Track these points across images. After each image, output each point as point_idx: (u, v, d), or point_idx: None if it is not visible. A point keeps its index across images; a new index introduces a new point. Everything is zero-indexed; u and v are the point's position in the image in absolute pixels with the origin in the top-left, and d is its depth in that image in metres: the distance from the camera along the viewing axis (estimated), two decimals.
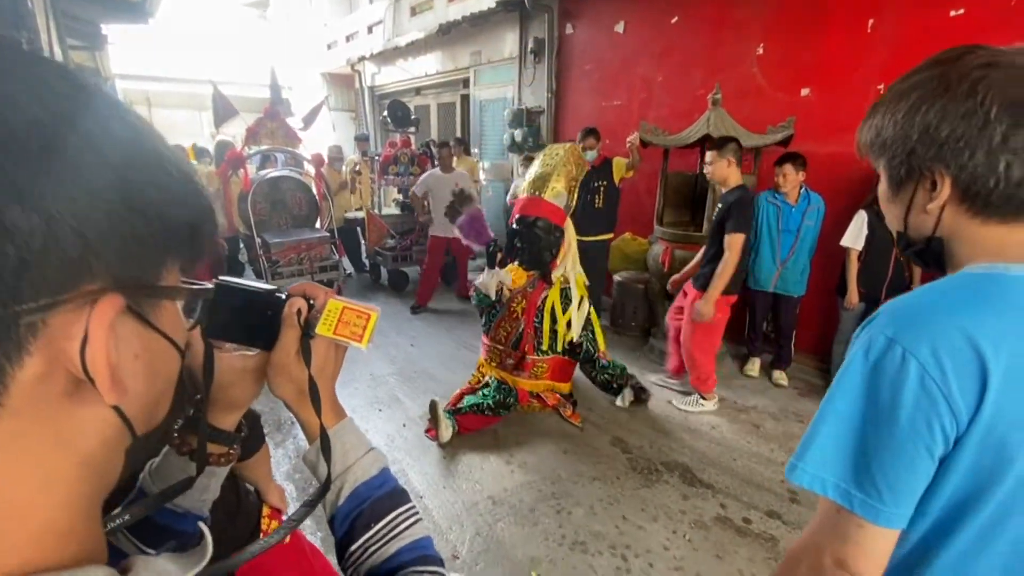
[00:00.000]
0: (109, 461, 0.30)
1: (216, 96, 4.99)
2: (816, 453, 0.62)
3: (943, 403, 0.55)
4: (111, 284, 0.26)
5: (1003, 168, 0.57)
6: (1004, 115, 0.56)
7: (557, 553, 2.08)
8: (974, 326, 0.55)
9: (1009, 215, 0.59)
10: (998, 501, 0.57)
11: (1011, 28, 2.77)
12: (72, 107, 0.25)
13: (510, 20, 5.91)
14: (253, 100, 7.92)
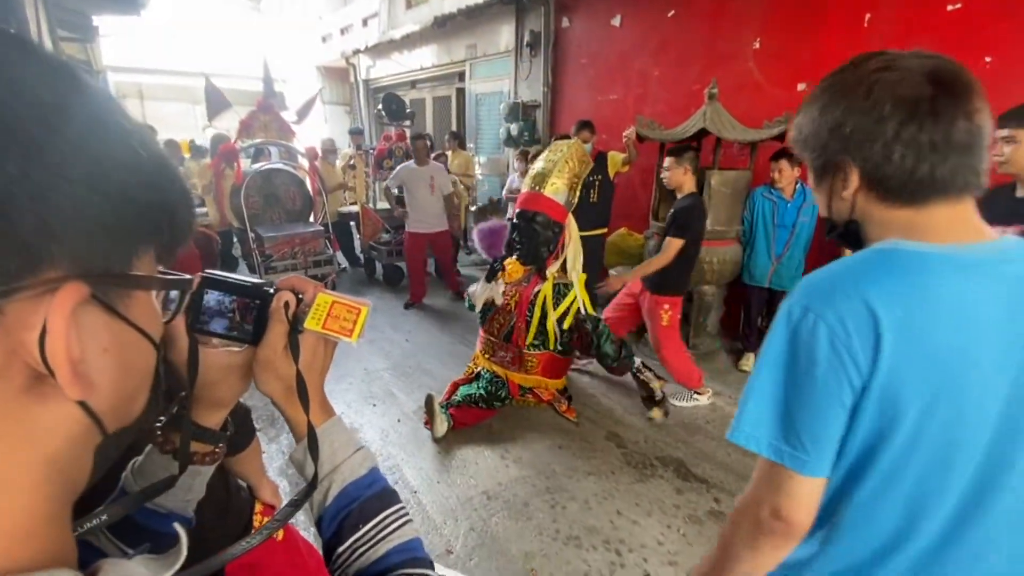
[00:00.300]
0: (77, 460, 0.29)
1: (209, 89, 4.94)
2: (750, 415, 0.71)
3: (849, 359, 0.63)
4: (75, 272, 0.24)
5: (898, 158, 0.65)
6: (896, 112, 0.64)
7: (551, 548, 2.08)
8: (871, 293, 0.63)
9: (908, 199, 0.67)
10: (899, 444, 0.65)
11: (1008, 22, 2.77)
12: (22, 75, 0.23)
13: (506, 13, 5.87)
14: (246, 93, 7.84)
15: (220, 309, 0.49)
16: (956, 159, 0.64)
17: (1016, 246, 0.67)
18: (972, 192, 0.67)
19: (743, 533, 0.76)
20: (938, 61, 0.65)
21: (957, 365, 0.63)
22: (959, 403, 0.63)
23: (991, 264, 0.65)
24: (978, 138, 0.64)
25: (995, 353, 0.63)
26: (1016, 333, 0.63)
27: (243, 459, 1.08)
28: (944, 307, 0.63)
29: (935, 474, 0.66)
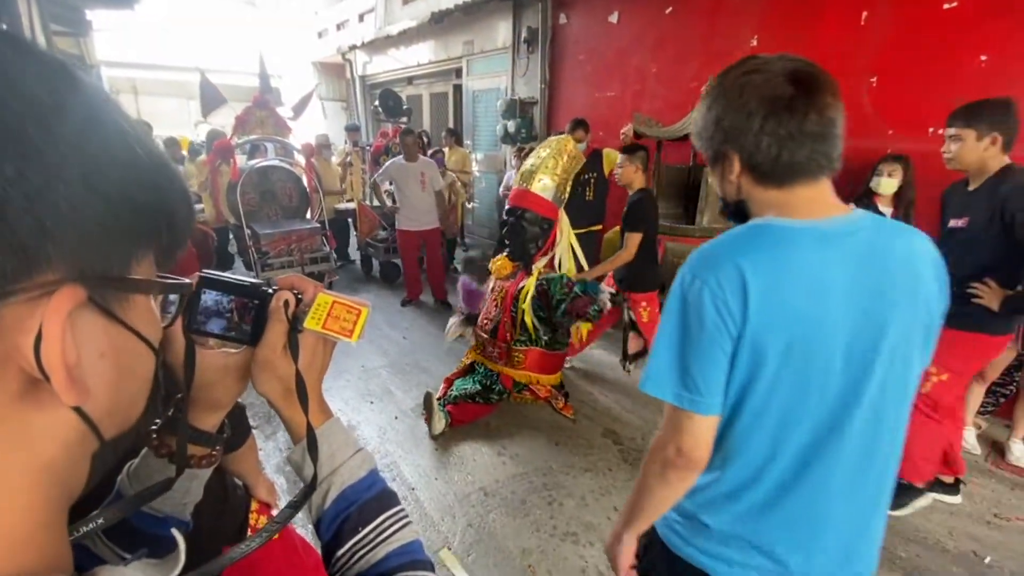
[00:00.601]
0: (73, 467, 0.28)
1: (204, 84, 4.91)
2: (655, 368, 0.83)
3: (727, 314, 0.76)
4: (73, 275, 0.24)
5: (764, 147, 0.77)
6: (760, 108, 0.76)
7: (549, 544, 2.09)
8: (742, 260, 0.76)
9: (776, 181, 0.80)
10: (764, 384, 0.78)
11: (1003, 21, 2.77)
12: (18, 74, 0.23)
13: (503, 9, 5.85)
14: (242, 89, 7.80)
15: (218, 309, 0.48)
16: (810, 146, 0.76)
17: (862, 219, 0.80)
18: (827, 174, 0.80)
19: (655, 469, 0.89)
20: (798, 64, 0.77)
21: (808, 319, 0.76)
22: (809, 352, 0.77)
23: (841, 236, 0.78)
24: (829, 128, 0.76)
25: (840, 311, 0.76)
26: (855, 293, 0.76)
27: (239, 457, 1.08)
28: (800, 271, 0.76)
29: (791, 410, 0.80)
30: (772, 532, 0.86)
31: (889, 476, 0.87)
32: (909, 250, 0.80)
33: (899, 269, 0.78)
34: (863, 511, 0.87)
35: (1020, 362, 2.64)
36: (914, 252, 0.80)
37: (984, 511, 2.33)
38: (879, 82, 3.24)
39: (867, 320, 0.77)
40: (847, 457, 0.82)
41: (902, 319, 0.78)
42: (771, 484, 0.84)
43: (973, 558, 2.07)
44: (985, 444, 2.80)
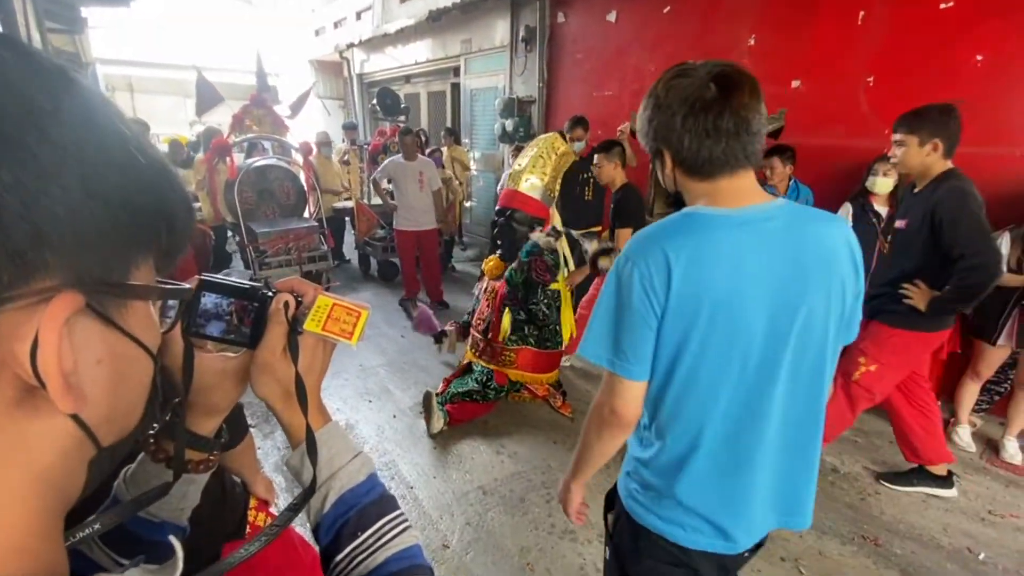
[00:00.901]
0: (70, 474, 0.28)
1: (200, 82, 4.89)
2: (592, 337, 0.94)
3: (652, 293, 0.86)
4: (70, 281, 0.23)
5: (687, 143, 0.86)
6: (680, 108, 0.85)
7: (547, 542, 2.10)
8: (667, 244, 0.86)
9: (701, 173, 0.89)
10: (693, 351, 0.88)
11: (999, 21, 2.79)
12: (14, 78, 0.23)
13: (501, 8, 5.84)
14: (239, 87, 7.76)
15: (217, 312, 0.48)
16: (727, 142, 0.84)
17: (780, 207, 0.89)
18: (746, 166, 0.88)
19: (593, 426, 1.00)
20: (723, 68, 0.85)
21: (727, 295, 0.85)
22: (730, 325, 0.86)
23: (757, 221, 0.87)
24: (743, 125, 0.84)
25: (757, 288, 0.85)
26: (770, 272, 0.85)
27: (237, 454, 1.07)
28: (718, 252, 0.85)
29: (717, 379, 0.89)
30: (713, 497, 0.96)
31: (814, 440, 0.97)
32: (822, 234, 0.89)
33: (812, 251, 0.87)
34: (792, 473, 0.97)
35: (1014, 360, 2.66)
36: (827, 236, 0.89)
37: (979, 508, 2.35)
38: (876, 81, 3.25)
39: (783, 296, 0.86)
40: (774, 424, 0.92)
41: (815, 296, 0.87)
42: (708, 451, 0.93)
43: (968, 555, 2.09)
44: (980, 442, 2.82)
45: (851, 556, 2.06)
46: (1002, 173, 2.88)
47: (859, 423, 3.04)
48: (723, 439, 0.92)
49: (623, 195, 3.06)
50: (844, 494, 2.41)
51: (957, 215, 1.90)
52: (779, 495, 0.98)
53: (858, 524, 2.22)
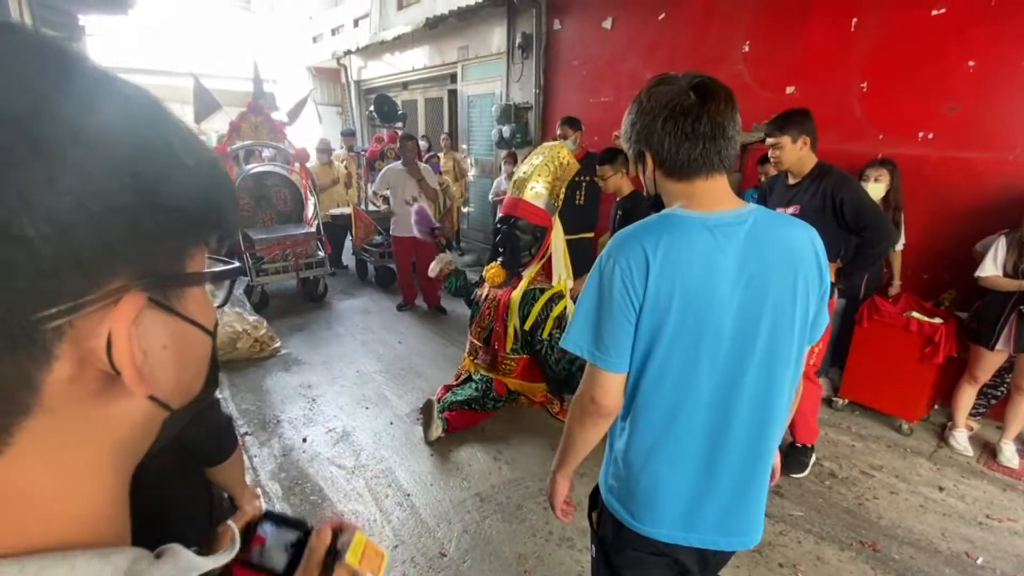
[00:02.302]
0: (144, 439, 0.31)
1: (198, 89, 4.89)
2: (575, 330, 0.98)
3: (631, 288, 0.91)
4: (134, 279, 0.26)
5: (667, 145, 0.92)
6: (661, 112, 0.91)
7: (544, 549, 2.09)
8: (646, 243, 0.91)
9: (679, 175, 0.95)
10: (664, 346, 0.93)
11: (991, 27, 2.82)
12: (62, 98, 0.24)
13: (498, 15, 5.88)
14: (236, 94, 7.78)
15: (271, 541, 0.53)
16: (703, 145, 0.90)
17: (751, 212, 0.94)
18: (720, 170, 0.94)
19: (576, 416, 1.05)
20: (702, 79, 0.91)
21: (699, 294, 0.90)
22: (700, 322, 0.91)
23: (729, 225, 0.92)
24: (719, 130, 0.90)
25: (725, 288, 0.90)
26: (739, 274, 0.91)
27: (225, 469, 1.06)
28: (692, 253, 0.90)
29: (687, 373, 0.94)
30: (676, 488, 1.00)
31: (769, 444, 1.00)
32: (788, 238, 0.94)
33: (778, 254, 0.92)
34: (752, 477, 1.01)
35: (1011, 364, 2.67)
36: (793, 240, 0.94)
37: (976, 512, 2.34)
38: (869, 87, 3.27)
39: (751, 297, 0.91)
40: (742, 420, 0.96)
41: (781, 297, 0.92)
42: (676, 442, 0.98)
43: (965, 559, 2.08)
44: (977, 446, 2.82)
45: (849, 561, 2.05)
46: (995, 178, 2.91)
47: (856, 427, 3.04)
48: (691, 431, 0.97)
49: (633, 206, 3.05)
50: (842, 499, 2.41)
51: (856, 196, 2.25)
52: (734, 503, 1.01)
53: (856, 529, 2.22)
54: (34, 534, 0.25)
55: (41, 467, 0.26)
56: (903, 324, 2.85)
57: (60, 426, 0.26)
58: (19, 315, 0.21)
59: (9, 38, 0.25)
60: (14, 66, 0.24)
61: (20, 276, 0.21)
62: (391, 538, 2.15)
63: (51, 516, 0.26)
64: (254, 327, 3.87)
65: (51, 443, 0.26)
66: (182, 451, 0.96)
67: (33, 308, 0.22)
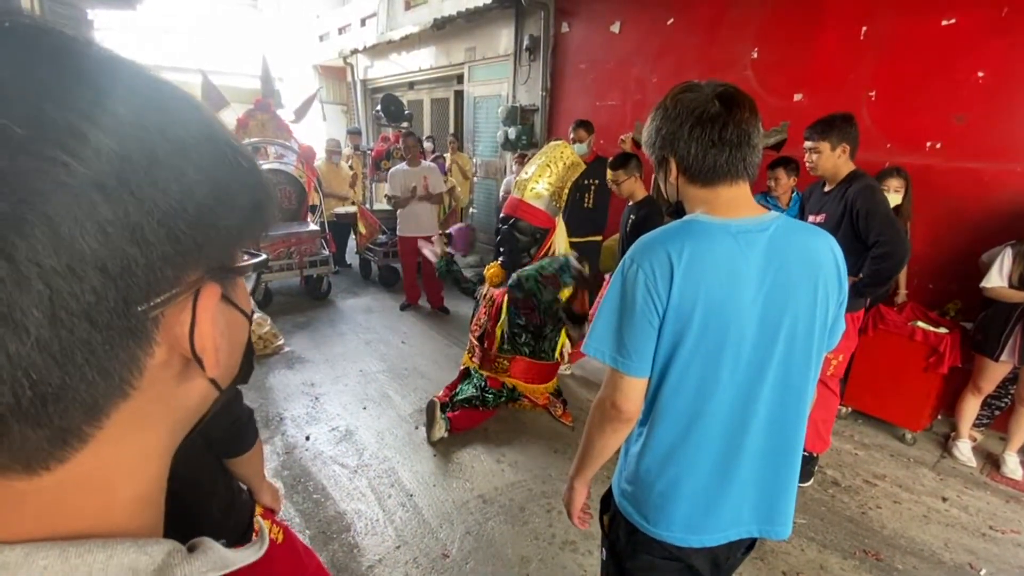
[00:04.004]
0: (190, 422, 0.33)
1: (206, 86, 4.91)
2: (596, 335, 0.99)
3: (655, 293, 0.92)
4: (206, 272, 0.29)
5: (693, 151, 0.94)
6: (688, 119, 0.93)
7: (547, 552, 2.09)
8: (670, 248, 0.92)
9: (704, 181, 0.96)
10: (686, 350, 0.93)
11: (1001, 38, 2.82)
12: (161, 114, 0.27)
13: (505, 17, 5.89)
14: (243, 91, 7.80)
15: None
16: (729, 152, 0.92)
17: (773, 220, 0.95)
18: (744, 177, 0.95)
19: (595, 421, 1.04)
20: (726, 88, 0.93)
21: (721, 300, 0.91)
22: (722, 328, 0.91)
23: (751, 232, 0.93)
24: (744, 138, 0.92)
25: (747, 295, 0.91)
26: (761, 281, 0.92)
27: (245, 461, 1.07)
28: (715, 259, 0.91)
29: (707, 378, 0.94)
30: (692, 493, 0.99)
31: (795, 444, 1.01)
32: (809, 246, 0.95)
33: (798, 262, 0.93)
34: (773, 478, 1.01)
35: (1015, 375, 2.67)
36: (813, 249, 0.95)
37: (980, 523, 2.34)
38: (878, 96, 3.28)
39: (772, 303, 0.92)
40: (760, 425, 0.97)
41: (801, 304, 0.93)
42: (694, 447, 0.98)
43: (969, 570, 2.08)
44: (980, 457, 2.82)
45: (852, 571, 2.05)
46: (1002, 189, 2.90)
47: (860, 436, 3.04)
48: (710, 436, 0.97)
49: (647, 211, 3.03)
50: (845, 508, 2.41)
51: (871, 207, 2.18)
52: (760, 499, 1.02)
53: (859, 538, 2.22)
54: (90, 517, 0.27)
55: (122, 449, 0.28)
56: (908, 334, 2.85)
57: (143, 409, 0.28)
58: (133, 306, 0.24)
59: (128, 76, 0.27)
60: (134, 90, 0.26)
61: (139, 272, 0.24)
62: (393, 538, 2.15)
63: (112, 499, 0.28)
64: (258, 324, 3.87)
65: (134, 425, 0.28)
66: (206, 442, 0.97)
67: (145, 299, 0.25)
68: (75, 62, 0.25)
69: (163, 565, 0.27)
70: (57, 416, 0.23)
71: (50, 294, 0.21)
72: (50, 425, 0.23)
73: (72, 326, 0.22)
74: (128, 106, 0.25)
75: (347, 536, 2.16)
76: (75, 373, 0.23)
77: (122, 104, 0.25)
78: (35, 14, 0.27)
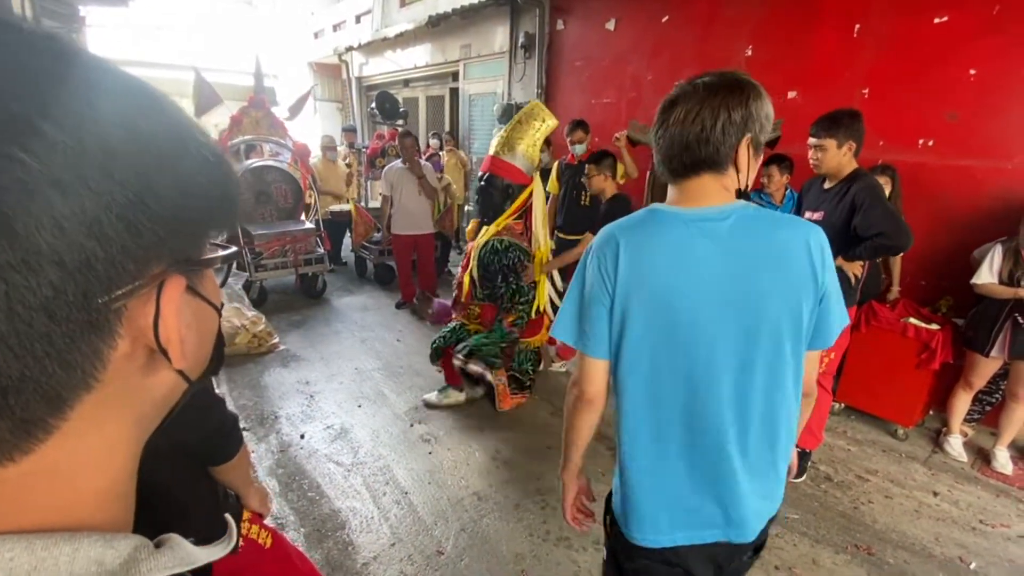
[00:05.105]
0: (158, 415, 0.33)
1: (199, 83, 4.88)
2: (561, 319, 1.04)
3: (605, 276, 0.95)
4: (171, 264, 0.29)
5: (657, 150, 0.98)
6: (658, 117, 0.97)
7: (542, 548, 2.10)
8: (620, 235, 0.95)
9: (668, 177, 0.99)
10: (635, 335, 0.94)
11: (993, 36, 2.83)
12: (120, 107, 0.27)
13: (501, 14, 5.87)
14: (237, 88, 7.75)
15: None
16: (676, 147, 0.93)
17: (732, 208, 0.93)
18: (705, 169, 0.93)
19: (569, 404, 1.09)
20: (701, 77, 0.95)
21: (668, 285, 0.91)
22: (671, 314, 0.92)
23: (707, 220, 0.92)
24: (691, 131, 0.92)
25: (698, 281, 0.90)
26: (717, 268, 0.90)
27: (230, 468, 1.05)
28: (663, 244, 0.92)
29: (662, 359, 0.95)
30: (662, 485, 1.00)
31: (772, 443, 0.98)
32: (774, 237, 0.92)
33: (761, 253, 0.91)
34: (752, 478, 0.98)
35: (1005, 371, 2.69)
36: (780, 240, 0.92)
37: (970, 518, 2.36)
38: (871, 94, 3.29)
39: (729, 292, 0.90)
40: (724, 418, 0.94)
41: (766, 296, 0.90)
42: (655, 438, 0.98)
43: (959, 564, 2.10)
44: (971, 452, 2.84)
45: (844, 565, 2.06)
46: (994, 186, 2.92)
47: (852, 431, 3.06)
48: (669, 426, 0.97)
49: (611, 208, 3.11)
50: (837, 503, 2.43)
51: (873, 202, 2.16)
52: (731, 501, 0.98)
53: (851, 533, 2.23)
54: (56, 510, 0.27)
55: (88, 441, 0.28)
56: (900, 330, 2.87)
57: (108, 401, 0.28)
58: (93, 299, 0.24)
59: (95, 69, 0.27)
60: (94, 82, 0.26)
61: (98, 266, 0.24)
62: (388, 535, 2.15)
63: (77, 492, 0.28)
64: (253, 322, 3.86)
65: (100, 417, 0.28)
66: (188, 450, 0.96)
67: (107, 291, 0.25)
68: (30, 56, 0.24)
69: (129, 559, 0.27)
70: (19, 408, 0.24)
71: (6, 289, 0.21)
72: (12, 417, 0.24)
73: (30, 320, 0.22)
74: (85, 100, 0.25)
75: (342, 534, 2.16)
76: (35, 366, 0.23)
77: (78, 98, 0.24)
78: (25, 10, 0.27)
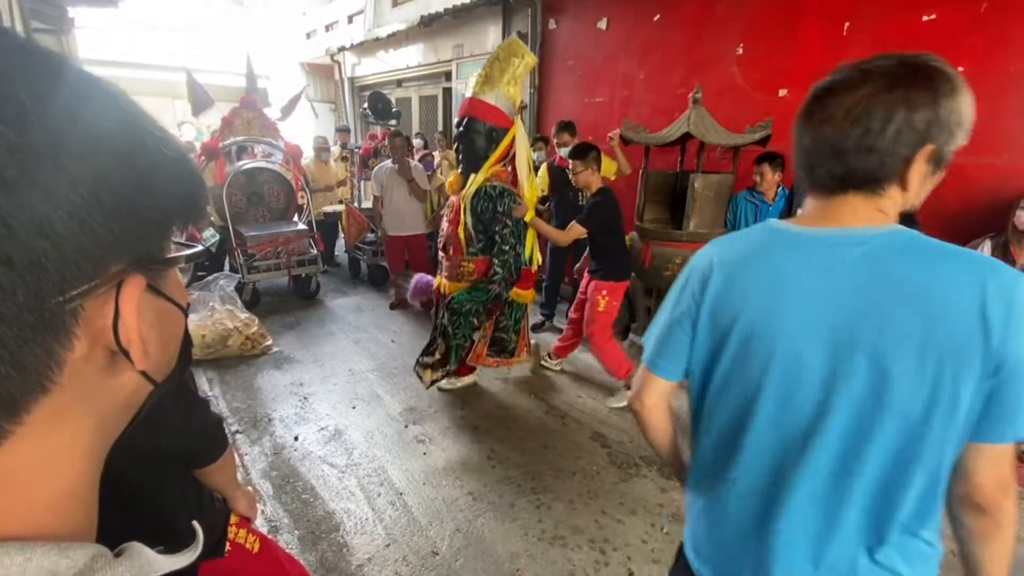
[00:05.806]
0: (121, 418, 0.32)
1: (191, 84, 4.85)
2: (651, 330, 0.94)
3: (691, 297, 0.85)
4: (131, 264, 0.28)
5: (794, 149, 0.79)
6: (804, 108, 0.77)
7: (537, 548, 2.10)
8: (716, 251, 0.85)
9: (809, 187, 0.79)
10: (725, 365, 0.82)
11: (981, 33, 2.85)
12: (71, 103, 0.26)
13: (493, 14, 5.87)
14: (229, 89, 7.70)
15: None
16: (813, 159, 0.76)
17: (875, 233, 0.72)
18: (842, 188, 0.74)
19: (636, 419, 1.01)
20: (857, 64, 0.74)
21: (766, 314, 0.77)
22: (768, 341, 0.76)
23: (832, 245, 0.73)
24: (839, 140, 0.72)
25: (803, 314, 0.73)
26: (837, 305, 0.71)
27: (215, 471, 1.04)
28: (763, 266, 0.78)
29: (749, 400, 0.79)
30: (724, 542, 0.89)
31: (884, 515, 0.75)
32: (924, 278, 0.67)
33: (897, 297, 0.68)
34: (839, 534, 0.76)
35: None
36: (934, 281, 0.67)
37: None
38: None
39: (844, 334, 0.70)
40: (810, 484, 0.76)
41: (892, 351, 0.68)
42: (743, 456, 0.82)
43: (951, 558, 2.11)
44: None
45: None
46: (982, 182, 2.95)
47: None
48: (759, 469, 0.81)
49: (596, 203, 3.04)
50: None
51: None
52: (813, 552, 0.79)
53: None
54: (11, 515, 0.26)
55: (45, 445, 0.27)
56: None
57: (67, 404, 0.27)
58: (46, 299, 0.24)
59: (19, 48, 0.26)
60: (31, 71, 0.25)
61: (50, 266, 0.24)
62: (383, 536, 2.14)
63: (33, 498, 0.27)
64: (245, 324, 3.84)
65: (57, 420, 0.27)
66: (172, 453, 0.94)
67: (59, 292, 0.24)
68: None
69: (84, 569, 0.26)
70: None
71: None
72: None
73: None
74: (32, 93, 0.24)
75: (336, 535, 2.15)
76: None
77: (26, 92, 0.24)
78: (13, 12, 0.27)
